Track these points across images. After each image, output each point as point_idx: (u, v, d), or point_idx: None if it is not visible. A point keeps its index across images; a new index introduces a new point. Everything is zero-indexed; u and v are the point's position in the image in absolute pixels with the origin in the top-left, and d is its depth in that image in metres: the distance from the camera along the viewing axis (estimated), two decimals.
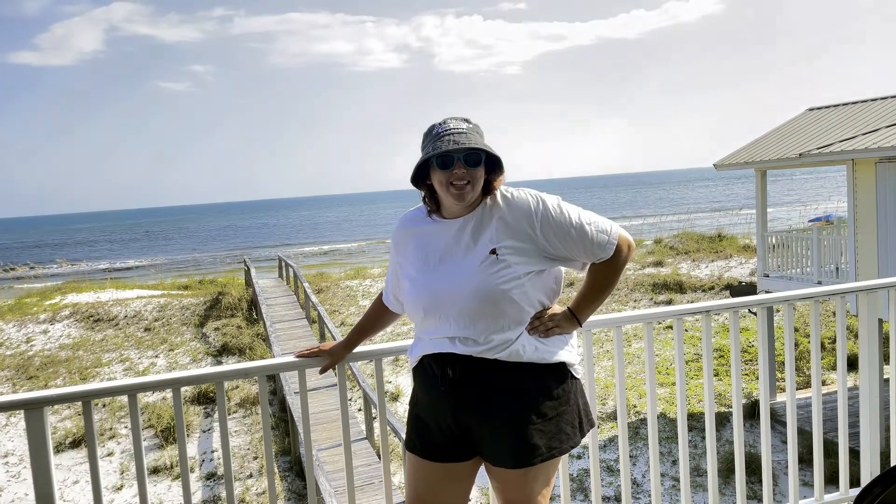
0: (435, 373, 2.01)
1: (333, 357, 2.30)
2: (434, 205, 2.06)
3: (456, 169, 1.94)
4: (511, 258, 1.96)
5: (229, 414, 13.72)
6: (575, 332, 2.12)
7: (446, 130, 1.97)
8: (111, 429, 13.30)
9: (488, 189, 2.02)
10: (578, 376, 2.09)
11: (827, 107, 15.79)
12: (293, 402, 11.08)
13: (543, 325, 2.01)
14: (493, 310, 1.95)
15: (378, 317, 2.35)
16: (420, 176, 2.03)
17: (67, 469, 11.95)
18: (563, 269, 2.11)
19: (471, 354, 1.96)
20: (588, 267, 2.11)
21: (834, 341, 15.72)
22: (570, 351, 2.06)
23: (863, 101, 14.93)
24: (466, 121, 2.02)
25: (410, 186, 2.07)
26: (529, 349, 1.97)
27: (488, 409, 1.96)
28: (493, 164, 2.00)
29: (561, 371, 2.02)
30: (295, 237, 75.88)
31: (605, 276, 2.09)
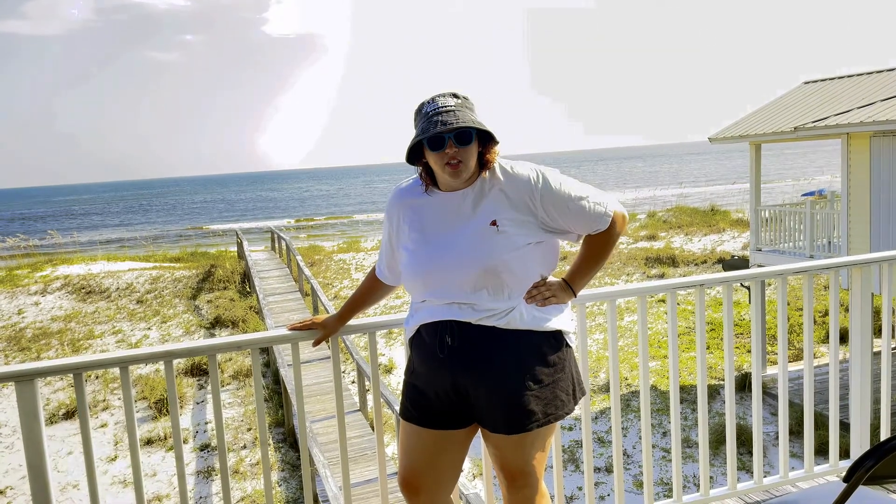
0: (433, 341, 2.02)
1: (327, 330, 2.31)
2: (431, 180, 2.05)
3: (448, 149, 1.94)
4: (511, 229, 1.98)
5: (223, 386, 13.77)
6: (570, 302, 2.14)
7: (435, 110, 1.95)
8: (104, 400, 13.34)
9: (484, 162, 2.02)
10: (573, 345, 2.12)
11: (822, 80, 15.72)
12: (286, 375, 11.12)
13: (541, 294, 2.03)
14: (492, 280, 1.96)
15: (371, 291, 2.34)
16: (415, 153, 2.03)
17: (61, 440, 12.00)
18: (559, 240, 2.13)
19: (469, 321, 1.97)
20: (583, 238, 2.13)
21: (823, 315, 15.90)
22: (565, 319, 2.09)
23: (858, 75, 14.87)
24: (455, 96, 2.00)
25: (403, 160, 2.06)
26: (528, 317, 2.00)
27: (486, 375, 1.98)
28: (486, 137, 2.00)
29: (557, 339, 2.04)
30: (287, 210, 75.55)
31: (599, 247, 2.12)
